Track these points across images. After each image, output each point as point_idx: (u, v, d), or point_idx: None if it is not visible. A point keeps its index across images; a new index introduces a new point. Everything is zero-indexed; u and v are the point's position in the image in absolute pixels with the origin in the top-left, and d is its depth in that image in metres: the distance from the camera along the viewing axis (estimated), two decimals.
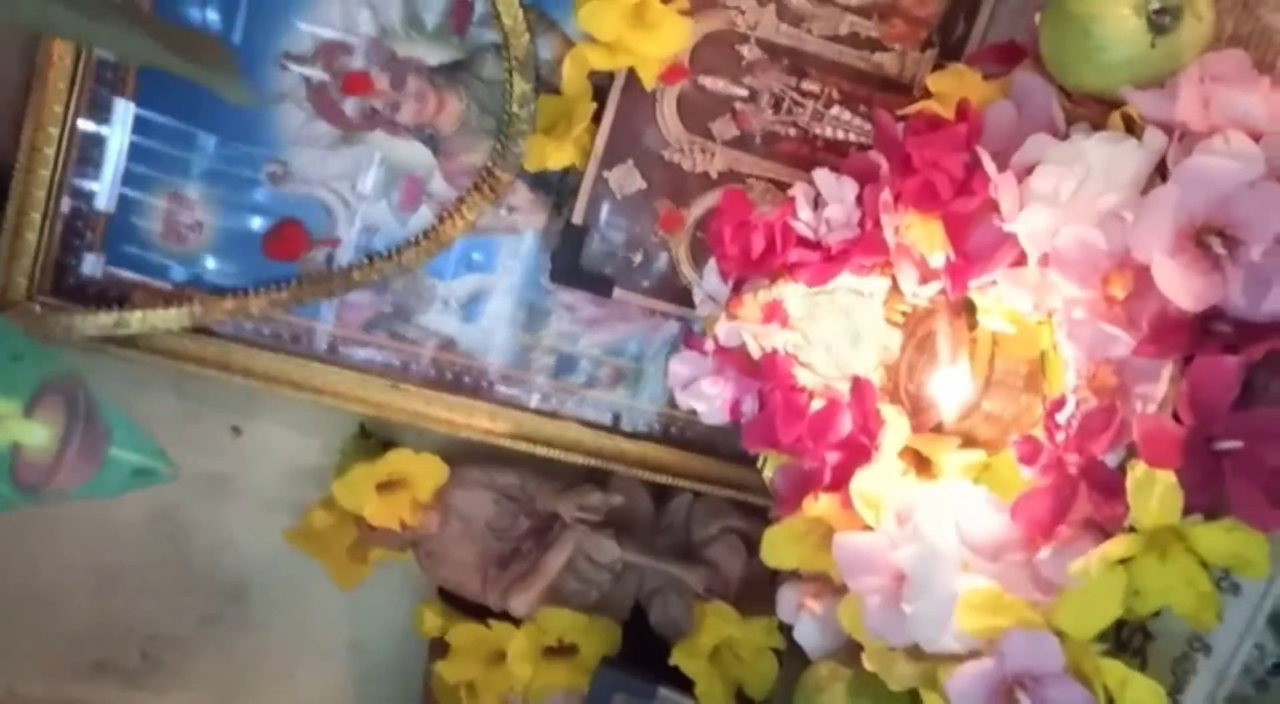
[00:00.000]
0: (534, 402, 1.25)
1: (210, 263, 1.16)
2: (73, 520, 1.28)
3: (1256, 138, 0.76)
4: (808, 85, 1.16)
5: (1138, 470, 0.76)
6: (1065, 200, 0.85)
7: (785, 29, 1.14)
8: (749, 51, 1.14)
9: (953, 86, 1.03)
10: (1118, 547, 0.77)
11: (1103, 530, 0.80)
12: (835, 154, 1.17)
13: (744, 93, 1.15)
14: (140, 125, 1.12)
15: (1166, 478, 0.74)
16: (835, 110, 1.17)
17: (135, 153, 1.12)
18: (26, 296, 1.13)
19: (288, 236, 1.17)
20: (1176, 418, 0.76)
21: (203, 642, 1.35)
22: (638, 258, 1.19)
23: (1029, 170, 0.89)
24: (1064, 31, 0.86)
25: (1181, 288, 0.76)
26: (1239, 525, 0.73)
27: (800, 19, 1.14)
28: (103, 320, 1.13)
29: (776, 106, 1.16)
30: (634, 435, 1.27)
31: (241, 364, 1.18)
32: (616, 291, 1.20)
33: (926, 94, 1.04)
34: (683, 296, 1.20)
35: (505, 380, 1.24)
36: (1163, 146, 0.82)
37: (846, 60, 1.15)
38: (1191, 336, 0.76)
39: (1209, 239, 0.76)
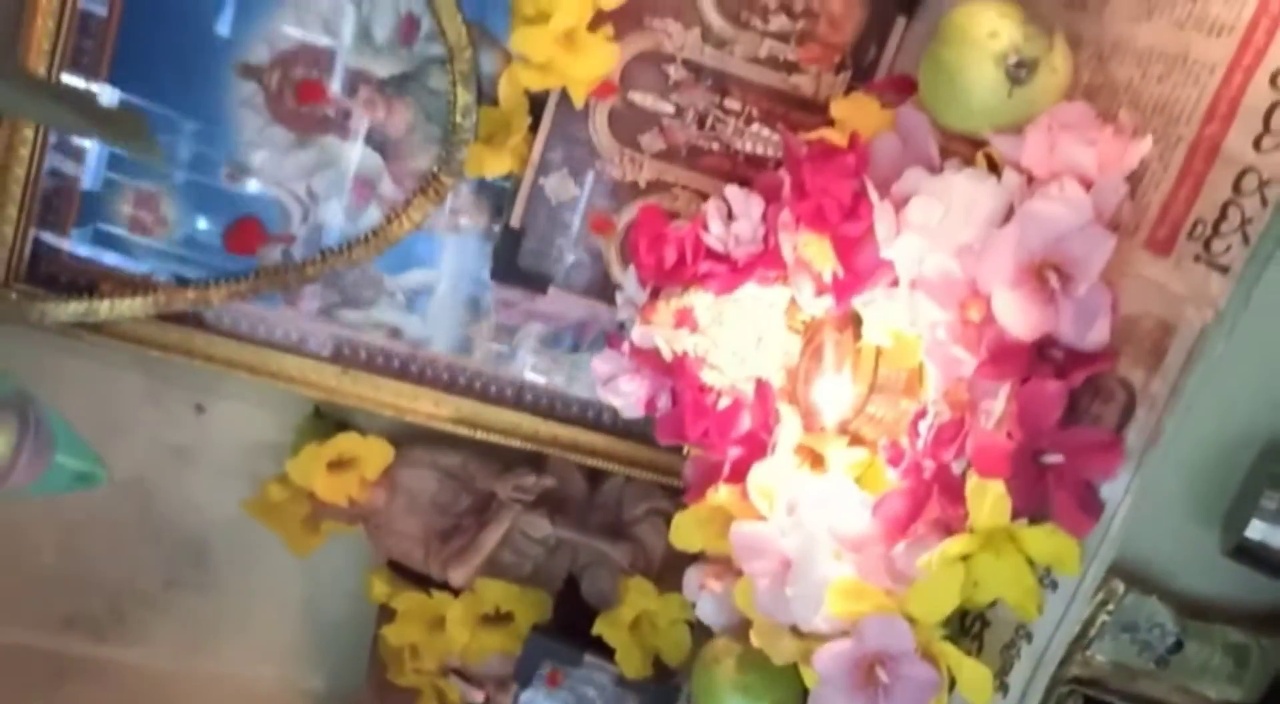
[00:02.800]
0: (475, 388, 1.35)
1: (174, 255, 1.26)
2: None
3: (1089, 185, 0.85)
4: (730, 103, 1.25)
5: (973, 480, 0.85)
6: (933, 230, 0.94)
7: (709, 51, 1.23)
8: (675, 71, 1.23)
9: (853, 113, 1.12)
10: (957, 544, 0.87)
11: (950, 529, 0.90)
12: (755, 167, 1.26)
13: (671, 109, 1.24)
14: None
15: (997, 487, 0.84)
16: (755, 127, 1.25)
17: (105, 155, 1.21)
18: (3, 283, 1.22)
19: (246, 232, 1.26)
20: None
21: (166, 599, 1.45)
22: (571, 258, 1.29)
23: (907, 199, 0.98)
24: (934, 78, 0.94)
25: (1018, 319, 0.85)
26: (1058, 530, 0.83)
27: (723, 42, 1.22)
28: (73, 308, 1.23)
29: (701, 122, 1.25)
30: (567, 421, 1.37)
31: (203, 350, 1.28)
32: (552, 290, 1.29)
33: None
34: (613, 293, 1.29)
35: (448, 367, 1.34)
36: (1017, 187, 0.91)
37: (766, 81, 1.24)
38: (1027, 361, 0.86)
39: (1048, 273, 0.86)
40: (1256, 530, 0.89)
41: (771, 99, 1.25)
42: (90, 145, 1.21)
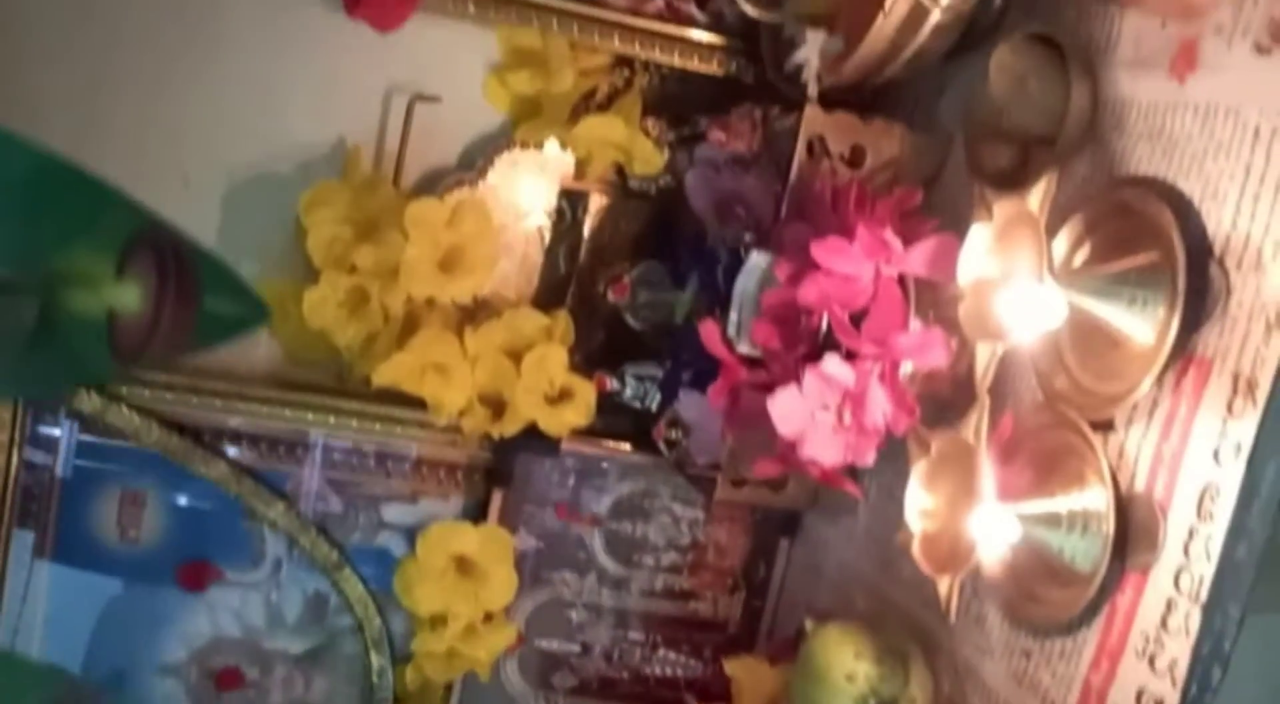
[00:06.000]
0: None
1: None
2: None
3: None
4: (634, 635, 1.30)
5: None
6: None
7: (607, 592, 1.28)
8: (578, 614, 1.29)
9: (746, 672, 1.17)
10: None
11: None
12: (666, 687, 1.30)
13: (577, 648, 1.29)
14: None
15: None
16: (661, 652, 1.30)
17: None
18: None
19: None
20: None
21: None
22: None
23: None
24: None
25: None
26: None
27: (619, 582, 1.28)
28: None
29: (609, 656, 1.30)
30: None
31: None
32: None
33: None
34: None
35: None
36: None
37: (665, 610, 1.30)
38: None
39: None
40: None
41: (673, 625, 1.30)
42: None
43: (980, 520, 0.81)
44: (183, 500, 1.23)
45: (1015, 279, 0.81)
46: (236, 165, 1.21)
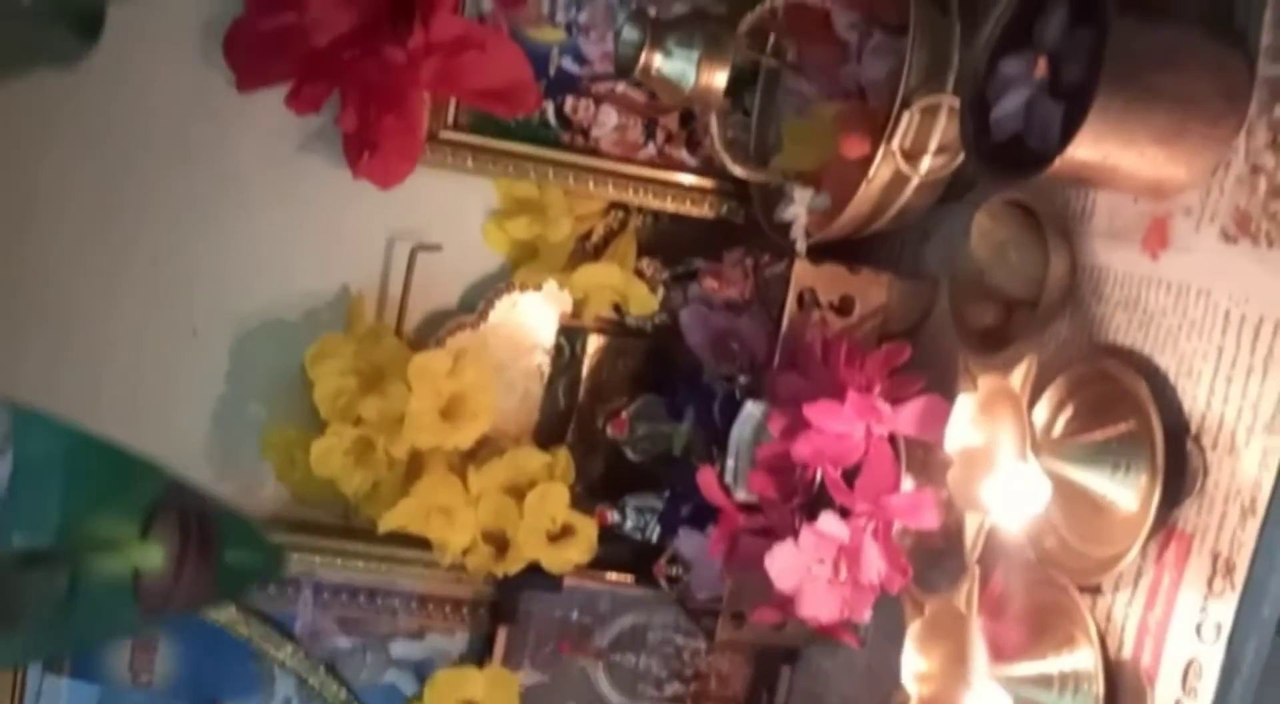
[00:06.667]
0: None
1: None
2: None
3: None
4: None
5: None
6: None
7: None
8: None
9: None
10: None
11: None
12: None
13: None
14: None
15: None
16: None
17: None
18: None
19: None
20: None
21: None
22: None
23: None
24: None
25: None
26: None
27: None
28: None
29: None
30: None
31: None
32: None
33: None
34: None
35: None
36: None
37: None
38: None
39: None
40: None
41: None
42: None
43: (974, 698, 0.83)
44: (193, 643, 1.25)
45: (999, 460, 0.83)
46: (244, 315, 1.24)
